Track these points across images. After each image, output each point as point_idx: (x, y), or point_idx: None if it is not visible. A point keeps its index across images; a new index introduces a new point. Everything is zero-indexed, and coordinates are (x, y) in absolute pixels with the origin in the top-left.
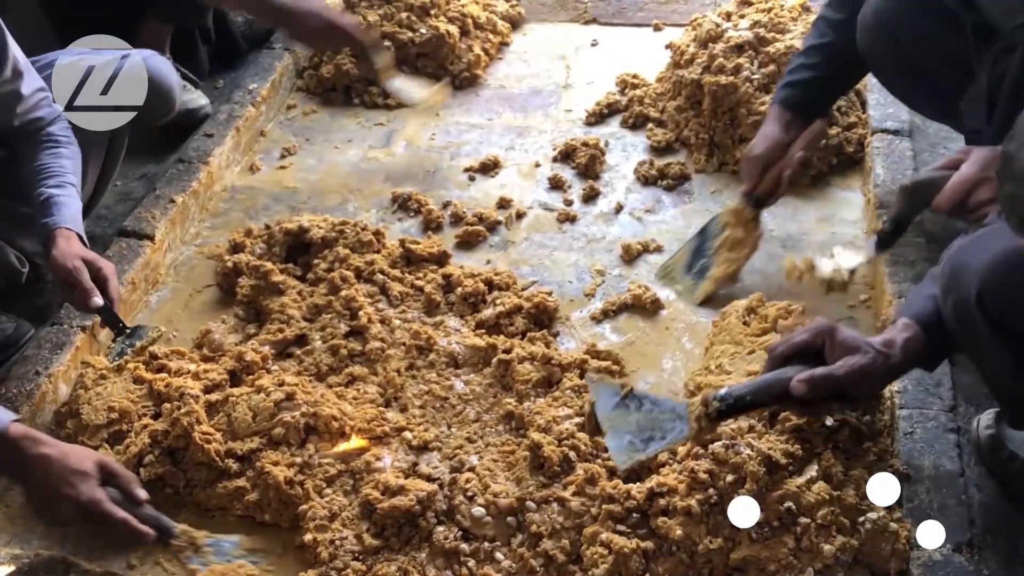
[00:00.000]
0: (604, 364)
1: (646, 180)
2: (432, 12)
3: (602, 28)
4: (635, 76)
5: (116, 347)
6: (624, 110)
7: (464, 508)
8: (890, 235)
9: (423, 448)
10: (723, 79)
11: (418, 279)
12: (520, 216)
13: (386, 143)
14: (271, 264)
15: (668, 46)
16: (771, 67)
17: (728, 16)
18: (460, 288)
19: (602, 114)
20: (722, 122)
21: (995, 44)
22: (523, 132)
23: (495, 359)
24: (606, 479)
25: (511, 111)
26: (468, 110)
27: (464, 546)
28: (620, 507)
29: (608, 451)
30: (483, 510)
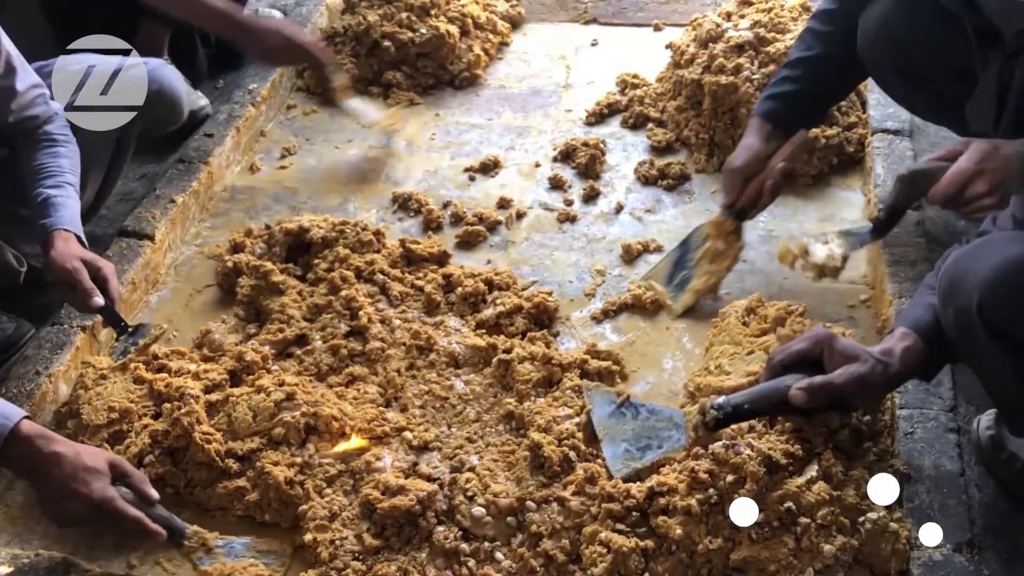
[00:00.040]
0: (604, 364)
1: (646, 180)
2: (432, 12)
3: (602, 28)
4: (635, 76)
5: (119, 346)
6: (624, 110)
7: (464, 508)
8: (885, 223)
9: (423, 448)
10: (723, 79)
11: (418, 279)
12: (520, 216)
13: (386, 143)
14: (271, 264)
15: (668, 46)
16: (771, 67)
17: (728, 16)
18: (460, 288)
19: (602, 114)
20: (722, 122)
21: (999, 47)
22: (523, 132)
23: (495, 359)
24: (606, 478)
25: (511, 111)
26: (468, 110)
27: (464, 546)
28: (620, 506)
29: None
30: (483, 510)
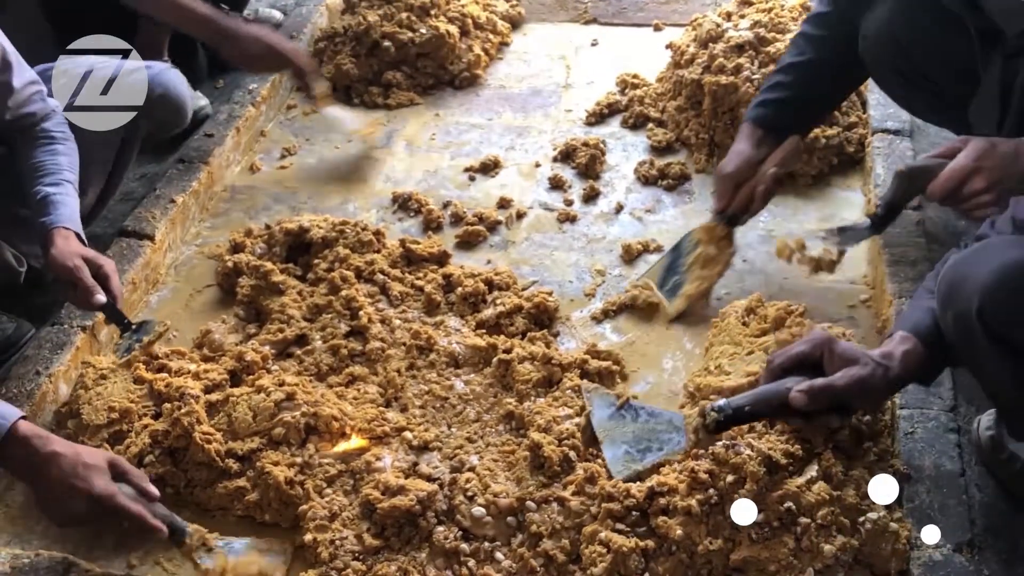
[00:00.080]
0: (604, 364)
1: (646, 180)
2: (432, 12)
3: (602, 28)
4: (635, 76)
5: (124, 343)
6: (624, 110)
7: (464, 508)
8: (883, 219)
9: (423, 448)
10: (723, 79)
11: (418, 279)
12: (520, 216)
13: (386, 143)
14: (271, 264)
15: (668, 46)
16: (771, 67)
17: (728, 16)
18: (460, 288)
19: (602, 114)
20: (722, 122)
21: (1000, 47)
22: (523, 132)
23: (495, 359)
24: (606, 478)
25: (511, 111)
26: (468, 110)
27: (464, 546)
28: (620, 506)
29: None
30: (483, 510)
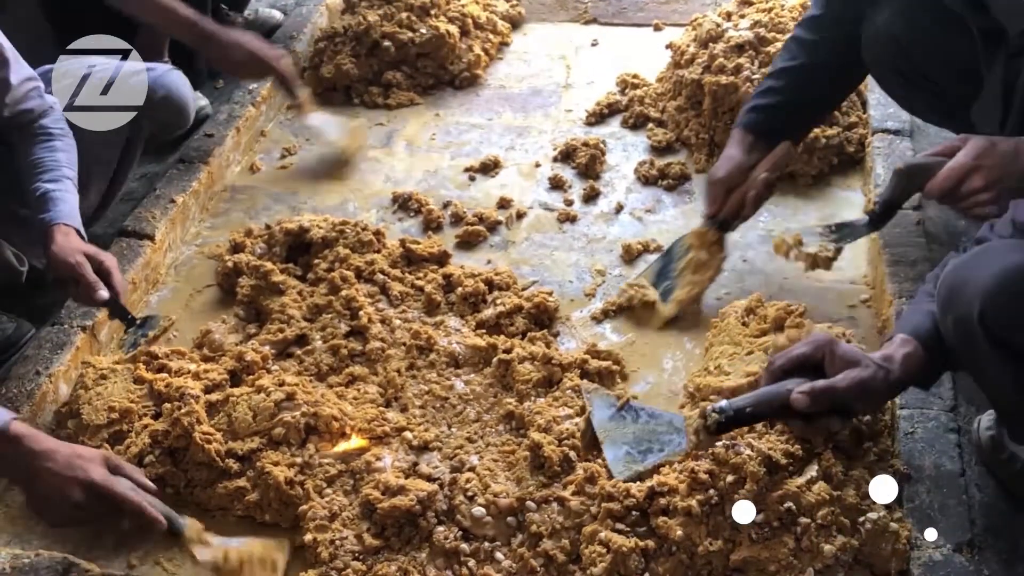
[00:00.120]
0: (604, 364)
1: (646, 180)
2: (432, 12)
3: (602, 28)
4: (635, 76)
5: (128, 338)
6: (624, 110)
7: (464, 508)
8: (880, 216)
9: (423, 448)
10: (724, 79)
11: (418, 279)
12: (520, 216)
13: (386, 143)
14: (271, 264)
15: (668, 46)
16: None
17: (728, 16)
18: (460, 288)
19: (602, 114)
20: (722, 122)
21: (1005, 46)
22: (523, 132)
23: (495, 359)
24: (606, 478)
25: (511, 111)
26: (468, 110)
27: (464, 546)
28: (620, 506)
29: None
30: (483, 510)
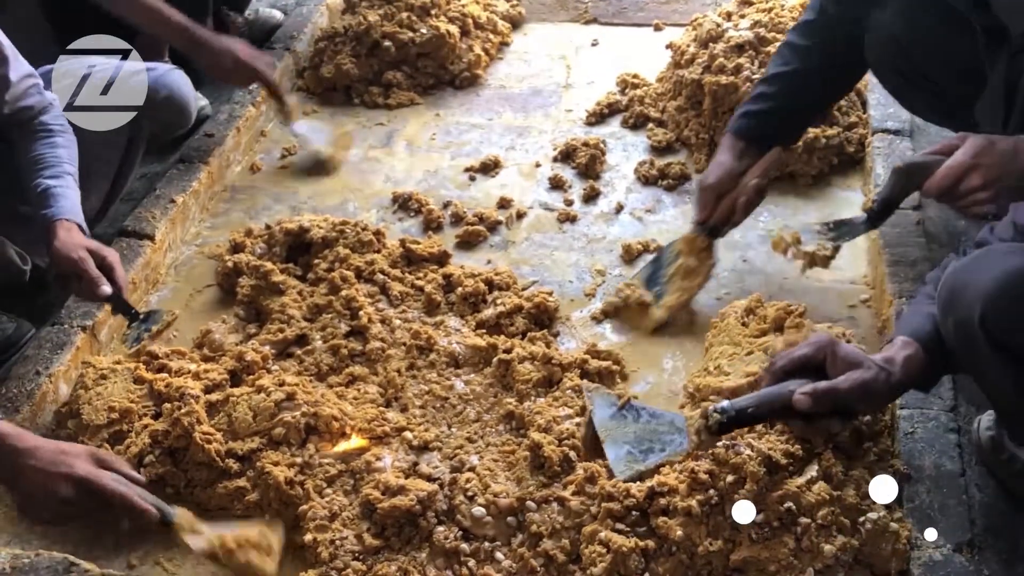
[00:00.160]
0: (604, 364)
1: (646, 180)
2: (432, 12)
3: (602, 28)
4: (635, 76)
5: (132, 333)
6: (624, 110)
7: (464, 508)
8: (878, 214)
9: (423, 448)
10: (724, 79)
11: (418, 279)
12: (520, 216)
13: (386, 143)
14: (271, 264)
15: (668, 46)
16: None
17: (728, 16)
18: (460, 288)
19: (602, 114)
20: (723, 122)
21: (1007, 45)
22: (523, 132)
23: (495, 359)
24: (606, 478)
25: (511, 111)
26: (468, 110)
27: (464, 546)
28: (620, 506)
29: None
30: (483, 510)
